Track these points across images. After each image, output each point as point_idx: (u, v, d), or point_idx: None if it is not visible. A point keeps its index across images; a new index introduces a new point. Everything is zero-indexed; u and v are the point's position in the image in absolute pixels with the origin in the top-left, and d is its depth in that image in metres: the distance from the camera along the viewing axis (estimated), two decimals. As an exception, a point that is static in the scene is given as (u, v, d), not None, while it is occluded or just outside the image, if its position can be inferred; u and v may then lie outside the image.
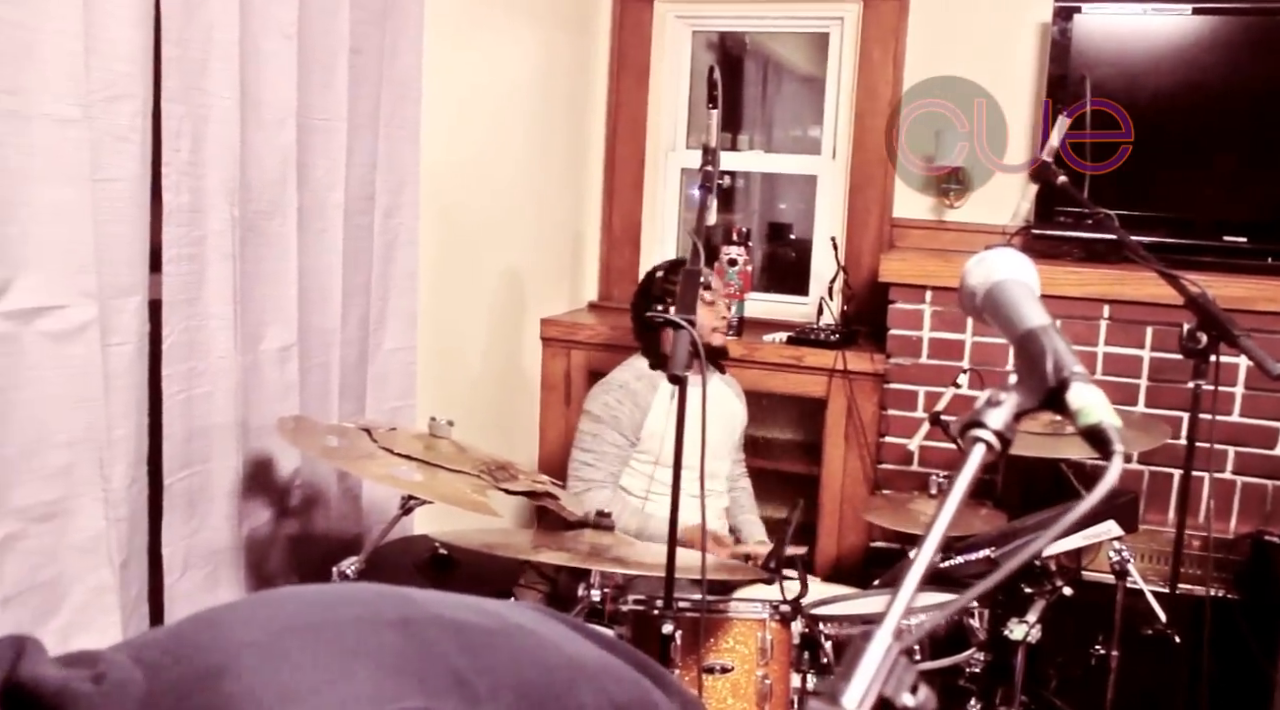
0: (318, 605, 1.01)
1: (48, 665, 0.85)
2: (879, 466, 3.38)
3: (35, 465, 1.75)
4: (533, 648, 1.06)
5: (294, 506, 2.33)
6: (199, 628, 0.95)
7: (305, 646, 0.92)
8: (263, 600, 1.03)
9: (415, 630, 0.99)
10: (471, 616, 1.04)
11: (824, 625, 2.27)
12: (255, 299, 2.18)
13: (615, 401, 2.83)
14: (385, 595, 1.06)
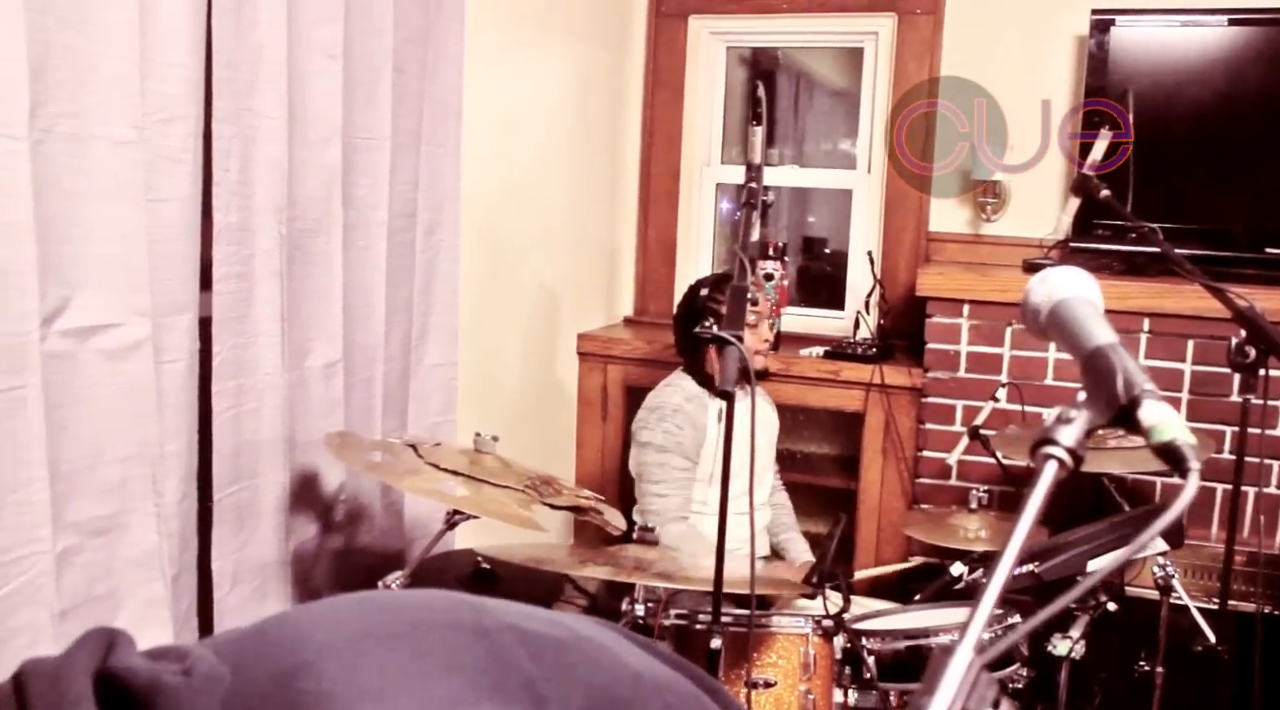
0: (395, 609, 1.03)
1: (137, 657, 0.89)
2: (917, 481, 3.37)
3: (91, 480, 1.78)
4: (600, 660, 1.07)
5: (339, 521, 2.35)
6: (282, 627, 0.99)
7: (383, 648, 0.94)
8: (343, 603, 1.06)
9: (489, 637, 1.01)
10: (542, 626, 1.05)
11: (866, 640, 2.27)
12: (301, 316, 2.21)
13: (676, 428, 2.77)
14: (459, 601, 1.08)
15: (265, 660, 0.91)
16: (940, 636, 2.25)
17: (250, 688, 0.87)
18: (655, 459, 2.77)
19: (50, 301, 1.68)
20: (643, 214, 4.02)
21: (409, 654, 0.95)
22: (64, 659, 0.89)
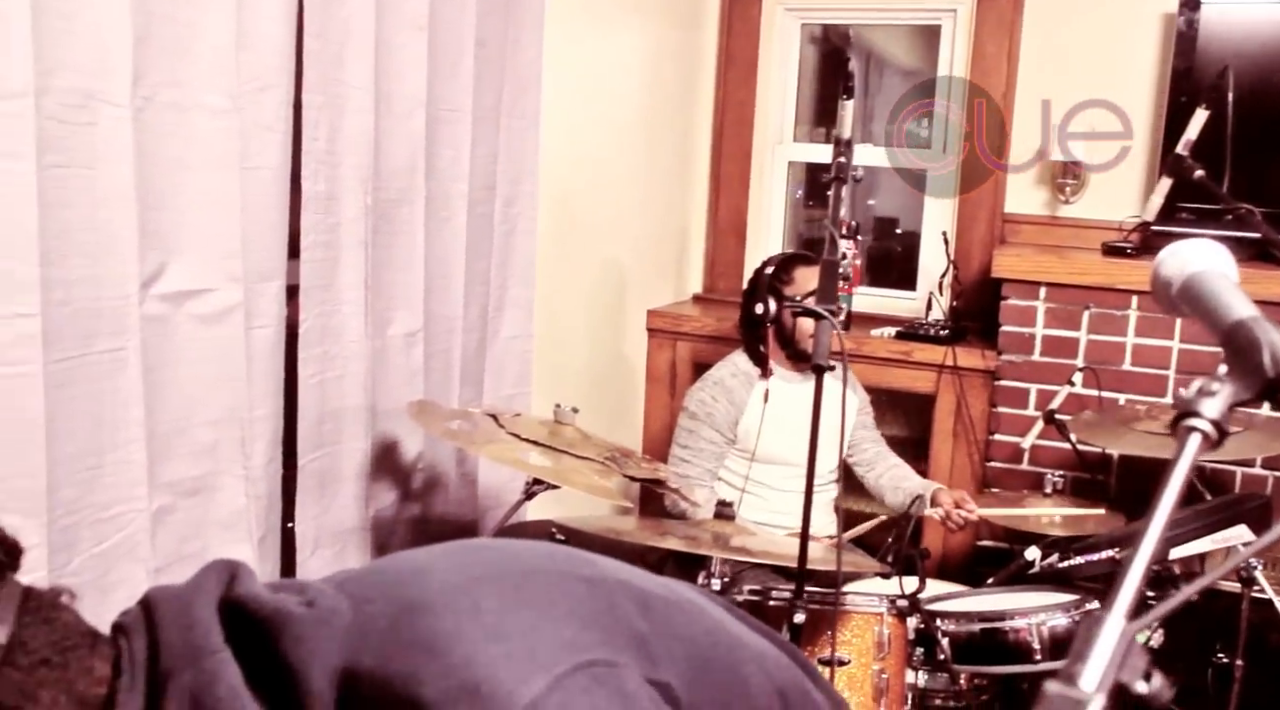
0: (510, 556, 1.05)
1: (260, 587, 0.92)
2: (987, 464, 3.34)
3: (184, 442, 1.82)
4: (701, 621, 1.09)
5: (416, 490, 2.39)
6: (398, 568, 1.02)
7: (505, 591, 0.96)
8: (457, 547, 1.08)
9: (601, 588, 1.02)
10: (647, 584, 1.07)
11: (941, 621, 2.25)
12: (384, 285, 2.23)
13: (710, 398, 2.81)
14: (571, 554, 1.10)
15: (385, 597, 0.94)
16: (1016, 620, 2.23)
17: (371, 622, 0.91)
18: (686, 425, 2.83)
19: (149, 266, 1.72)
20: (713, 192, 4.00)
21: (528, 598, 0.97)
22: (191, 587, 0.92)
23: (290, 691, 0.86)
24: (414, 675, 0.86)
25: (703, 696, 1.00)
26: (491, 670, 0.86)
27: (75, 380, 1.61)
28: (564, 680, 0.87)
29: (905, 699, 2.23)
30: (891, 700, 2.18)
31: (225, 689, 0.85)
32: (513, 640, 0.90)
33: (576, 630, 0.94)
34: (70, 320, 1.59)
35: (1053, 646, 2.23)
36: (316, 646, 0.88)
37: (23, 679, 0.78)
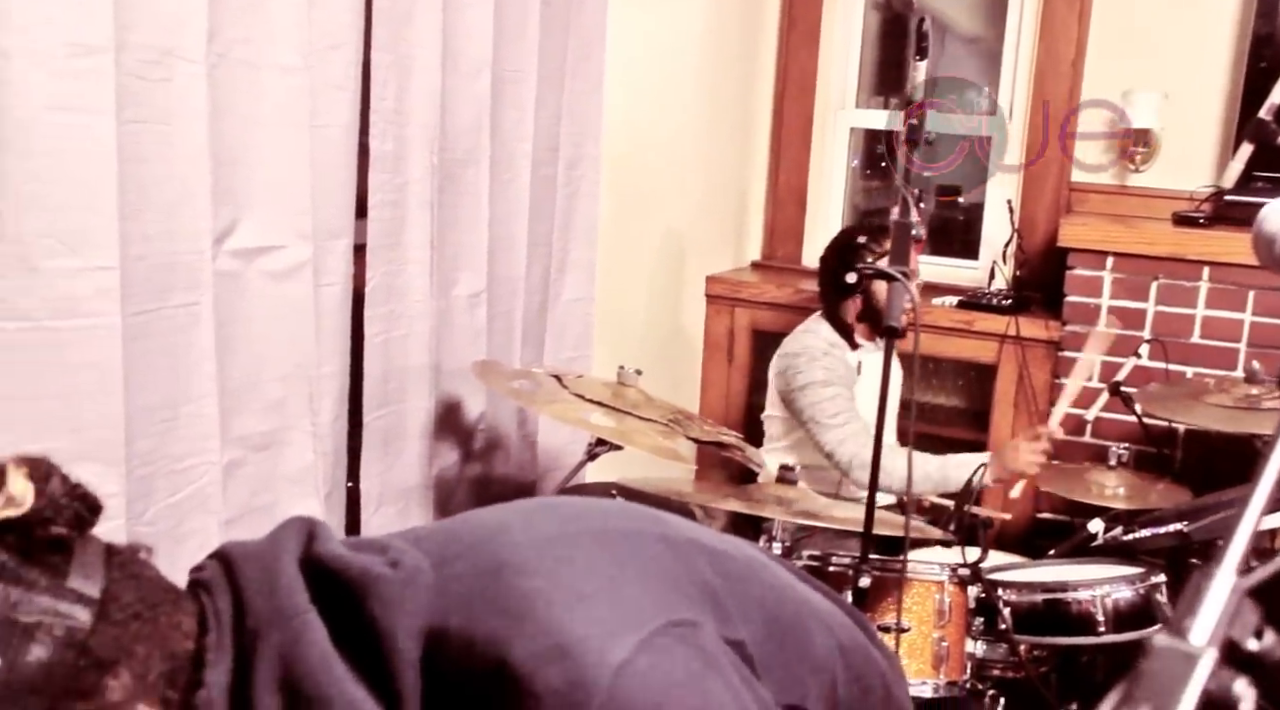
0: (589, 514, 1.05)
1: (342, 546, 0.92)
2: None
3: (254, 397, 1.84)
4: (770, 580, 1.08)
5: (478, 450, 2.40)
6: (475, 526, 1.01)
7: (586, 550, 0.96)
8: (536, 506, 1.08)
9: (676, 546, 1.02)
10: (717, 542, 1.07)
11: (1003, 591, 2.24)
12: (449, 245, 2.24)
13: (831, 364, 2.70)
14: (642, 511, 1.10)
15: (466, 556, 0.94)
16: (1080, 591, 2.21)
17: (455, 581, 0.90)
18: (825, 394, 2.66)
19: (221, 222, 1.74)
20: (774, 157, 3.97)
21: (610, 557, 0.96)
22: (271, 544, 0.91)
23: (376, 652, 0.85)
24: (502, 637, 0.86)
25: (771, 654, 1.00)
26: (580, 632, 0.86)
27: (151, 334, 1.63)
28: (652, 640, 0.87)
29: (965, 667, 2.22)
30: (951, 668, 2.18)
31: (315, 650, 0.84)
32: (599, 600, 0.90)
33: (658, 589, 0.94)
34: (147, 274, 1.61)
35: (1116, 619, 2.21)
36: (403, 607, 0.87)
37: (118, 633, 0.77)
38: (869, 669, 1.14)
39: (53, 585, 0.75)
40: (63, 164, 1.47)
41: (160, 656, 0.79)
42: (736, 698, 0.89)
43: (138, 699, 0.77)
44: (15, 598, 0.73)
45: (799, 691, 1.01)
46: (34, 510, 0.76)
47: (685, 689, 0.86)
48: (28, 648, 0.72)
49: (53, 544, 0.77)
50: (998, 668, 2.33)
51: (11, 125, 1.41)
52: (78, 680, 0.74)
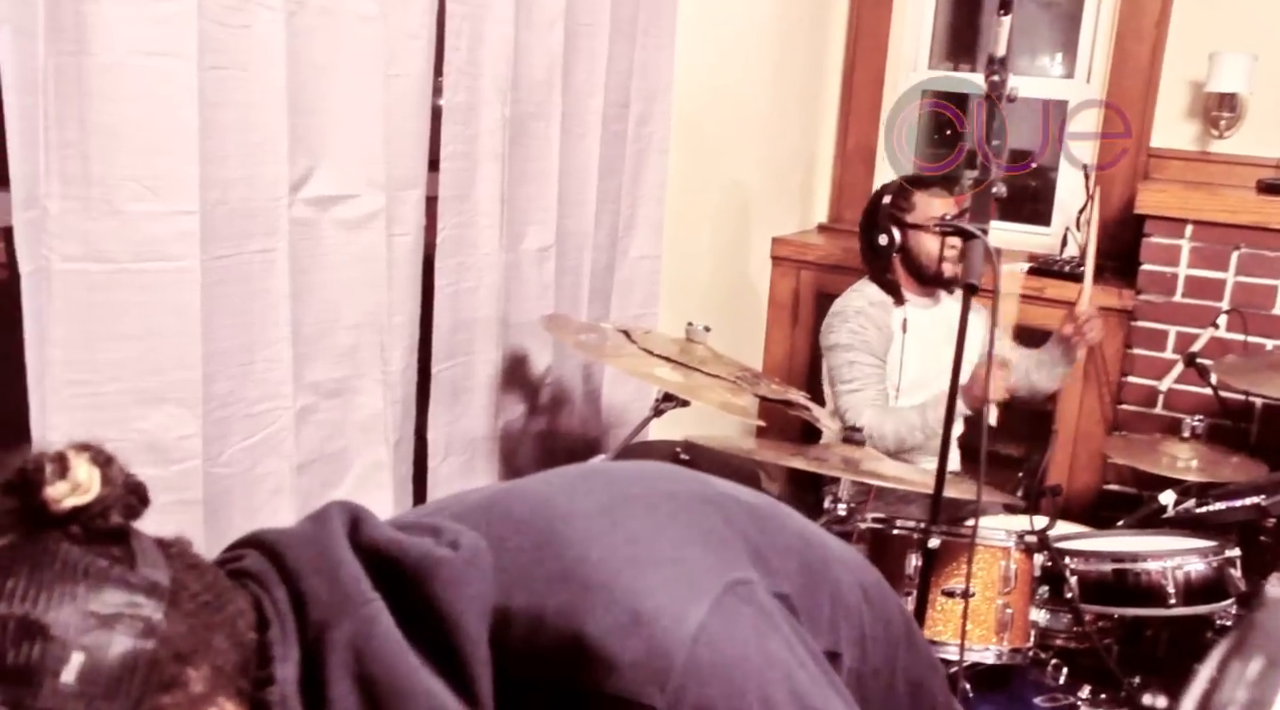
0: (630, 480, 1.04)
1: (393, 530, 0.88)
2: (1119, 407, 3.24)
3: (327, 344, 1.86)
4: (804, 533, 1.08)
5: (544, 404, 2.41)
6: (520, 501, 0.98)
7: (639, 517, 0.94)
8: (576, 475, 1.07)
9: (719, 506, 1.01)
10: (748, 496, 1.06)
11: (1070, 559, 2.21)
12: (519, 198, 2.24)
13: (859, 327, 2.74)
14: (680, 472, 1.09)
15: (518, 533, 0.91)
16: (1150, 562, 2.17)
17: (513, 559, 0.88)
18: (843, 359, 2.72)
19: (298, 170, 1.75)
20: (843, 118, 3.91)
21: (661, 522, 0.95)
22: (318, 531, 0.87)
23: (444, 638, 0.82)
24: (574, 610, 0.84)
25: (810, 603, 0.99)
26: (653, 599, 0.84)
27: (230, 279, 1.65)
28: (721, 602, 0.87)
29: (1028, 635, 2.20)
30: (1014, 635, 2.16)
31: (389, 640, 0.80)
32: (664, 566, 0.89)
33: (714, 551, 0.94)
34: (226, 219, 1.63)
35: (1187, 592, 2.17)
36: (469, 590, 0.84)
37: (192, 623, 0.74)
38: (891, 609, 1.13)
39: (124, 575, 0.72)
40: (146, 108, 1.48)
41: (231, 646, 0.76)
42: (794, 652, 0.89)
43: (218, 691, 0.74)
44: (90, 589, 0.70)
45: (833, 637, 1.01)
46: (98, 498, 0.72)
47: (754, 649, 0.86)
48: (108, 640, 0.69)
49: (112, 534, 0.73)
50: (1061, 637, 2.31)
51: (97, 70, 1.43)
52: (160, 672, 0.71)
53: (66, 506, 0.71)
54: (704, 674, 0.82)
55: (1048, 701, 2.24)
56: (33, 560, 0.70)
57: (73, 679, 0.67)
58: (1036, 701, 2.24)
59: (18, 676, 0.66)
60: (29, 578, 0.69)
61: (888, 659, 1.08)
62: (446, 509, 0.99)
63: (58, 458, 0.71)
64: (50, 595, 0.68)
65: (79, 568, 0.70)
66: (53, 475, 0.71)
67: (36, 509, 0.71)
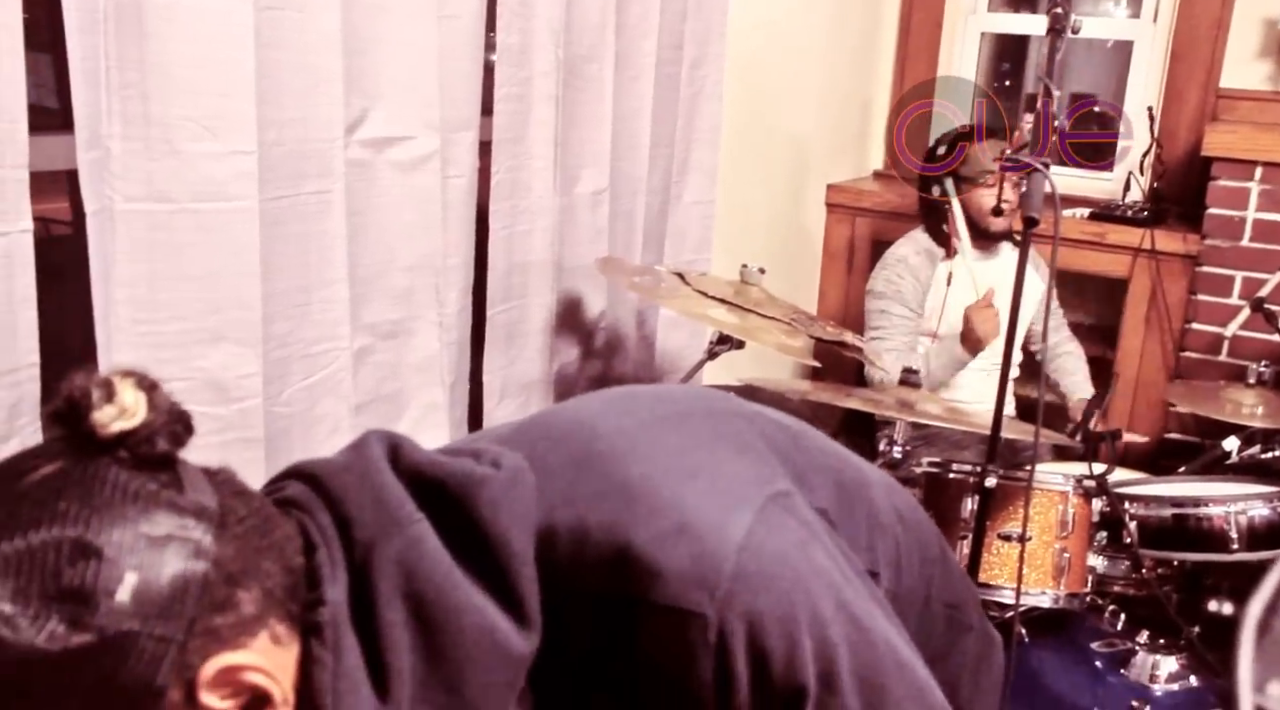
0: (668, 398, 1.04)
1: (429, 453, 0.88)
2: (1181, 354, 3.18)
3: (383, 286, 1.87)
4: (835, 451, 1.08)
5: (598, 348, 2.42)
6: (557, 422, 0.98)
7: (677, 432, 0.95)
8: (613, 396, 1.06)
9: (755, 422, 1.01)
10: (786, 419, 1.06)
11: (1130, 504, 2.18)
12: (573, 142, 2.24)
13: (896, 276, 2.77)
14: (715, 394, 1.09)
15: (557, 451, 0.91)
16: (1212, 507, 2.14)
17: (554, 477, 0.88)
18: (875, 306, 2.78)
19: (352, 111, 1.76)
20: (899, 64, 3.84)
21: (701, 437, 0.95)
22: (359, 457, 0.86)
23: (491, 557, 0.82)
24: (618, 523, 0.84)
25: (847, 521, 1.00)
26: (697, 509, 0.85)
27: (287, 219, 1.67)
28: (764, 512, 0.87)
29: (1085, 580, 2.18)
30: (1071, 580, 2.14)
31: (436, 558, 0.80)
32: (705, 478, 0.89)
33: (753, 463, 0.93)
34: (282, 160, 1.64)
35: (1250, 537, 2.14)
36: (514, 508, 0.83)
37: (240, 546, 0.74)
38: (925, 530, 1.13)
39: (173, 499, 0.72)
40: (203, 49, 1.49)
41: (280, 571, 0.76)
42: (835, 564, 0.89)
43: (269, 613, 0.75)
44: (140, 512, 0.70)
45: (870, 556, 1.01)
46: (145, 423, 0.72)
47: (800, 558, 0.86)
48: (160, 561, 0.69)
49: (159, 460, 0.74)
50: (1119, 584, 2.29)
51: (155, 11, 1.44)
52: (212, 593, 0.71)
53: (114, 430, 0.71)
54: (752, 581, 0.82)
55: (1105, 646, 2.22)
56: (83, 484, 0.70)
57: (128, 598, 0.68)
58: (1093, 646, 2.22)
59: (75, 596, 0.67)
60: (80, 501, 0.69)
61: (923, 580, 1.08)
62: (485, 436, 1.00)
63: (104, 383, 0.72)
64: (101, 518, 0.69)
65: (128, 491, 0.71)
66: (99, 400, 0.71)
67: (85, 434, 0.71)
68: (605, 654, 0.86)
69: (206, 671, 0.71)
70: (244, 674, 0.73)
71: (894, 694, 0.88)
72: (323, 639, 0.77)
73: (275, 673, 0.75)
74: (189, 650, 0.70)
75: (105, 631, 0.67)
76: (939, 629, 1.11)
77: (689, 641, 0.82)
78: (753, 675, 0.83)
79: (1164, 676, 2.13)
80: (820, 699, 0.84)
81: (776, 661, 0.83)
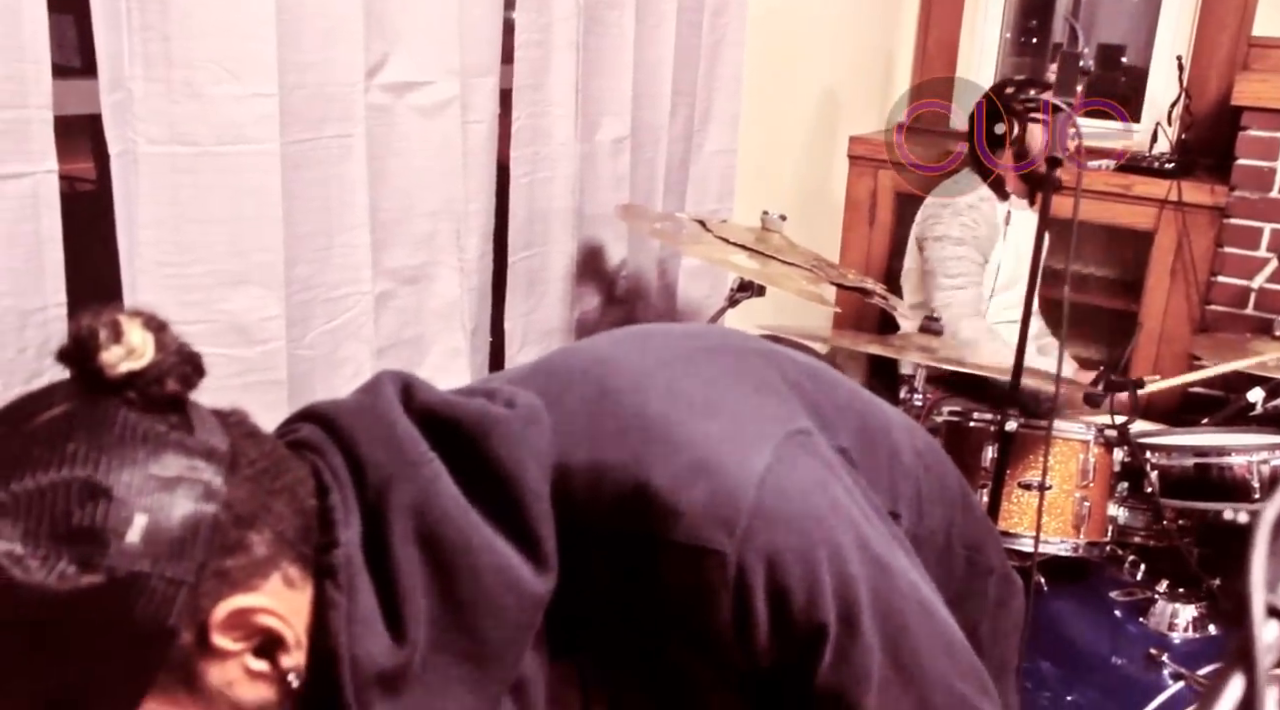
0: (684, 337, 1.02)
1: (442, 393, 0.86)
2: (1207, 307, 3.16)
3: (404, 231, 1.88)
4: (858, 392, 1.06)
5: (619, 296, 2.42)
6: (572, 361, 0.96)
7: (695, 371, 0.93)
8: (628, 335, 1.04)
9: (773, 360, 1.00)
10: (805, 358, 1.05)
11: (1151, 454, 2.18)
12: (594, 89, 2.22)
13: (972, 222, 2.67)
14: (733, 332, 1.08)
15: (573, 390, 0.90)
16: (1234, 457, 2.13)
17: (571, 416, 0.87)
18: (953, 252, 2.65)
19: (373, 55, 1.75)
20: (924, 14, 3.80)
21: (718, 374, 0.94)
22: (371, 398, 0.85)
23: (506, 496, 0.80)
24: (637, 461, 0.82)
25: (869, 461, 0.98)
26: (716, 446, 0.83)
27: (308, 163, 1.67)
28: (783, 449, 0.85)
29: (1106, 530, 2.18)
30: (1091, 529, 2.15)
31: (450, 499, 0.79)
32: (723, 416, 0.87)
33: (772, 402, 0.92)
34: (304, 104, 1.64)
35: (1273, 487, 2.13)
36: (528, 446, 0.82)
37: (252, 488, 0.73)
38: (946, 471, 1.11)
39: (182, 440, 0.71)
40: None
41: (292, 513, 0.76)
42: (856, 503, 0.88)
43: (281, 555, 0.74)
44: (150, 453, 0.69)
45: (891, 497, 0.99)
46: (153, 363, 0.71)
47: (820, 496, 0.85)
48: (169, 503, 0.68)
49: (169, 401, 0.73)
50: (1139, 535, 2.29)
51: (175, -50, 1.44)
52: (223, 535, 0.70)
53: (122, 371, 0.70)
54: (771, 518, 0.81)
55: (1124, 595, 2.23)
56: (92, 425, 0.69)
57: (138, 539, 0.67)
58: (1112, 595, 2.23)
59: (85, 536, 0.66)
60: (89, 442, 0.68)
61: (945, 521, 1.07)
62: (500, 377, 0.98)
63: (111, 323, 0.70)
64: (110, 458, 0.68)
65: (137, 432, 0.70)
66: (107, 340, 0.70)
67: (93, 374, 0.70)
68: (622, 594, 0.85)
69: (218, 614, 0.71)
70: (256, 616, 0.73)
71: (915, 634, 0.87)
72: (336, 581, 0.76)
73: (288, 615, 0.74)
74: (200, 592, 0.70)
75: (115, 572, 0.66)
76: (959, 571, 1.09)
77: (707, 580, 0.80)
78: (772, 614, 0.81)
79: (1183, 625, 2.14)
80: (840, 638, 0.83)
81: (796, 600, 0.81)
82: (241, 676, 0.74)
